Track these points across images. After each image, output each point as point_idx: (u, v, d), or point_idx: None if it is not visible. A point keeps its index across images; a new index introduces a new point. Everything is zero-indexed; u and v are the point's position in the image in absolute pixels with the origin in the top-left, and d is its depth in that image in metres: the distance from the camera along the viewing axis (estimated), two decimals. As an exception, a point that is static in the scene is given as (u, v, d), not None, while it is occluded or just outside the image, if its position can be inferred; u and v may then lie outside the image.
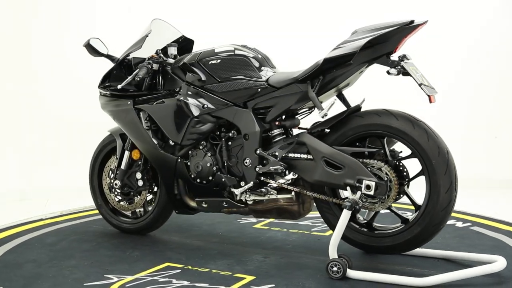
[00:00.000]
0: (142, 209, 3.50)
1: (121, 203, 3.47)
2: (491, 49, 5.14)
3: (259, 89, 2.93)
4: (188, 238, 3.40)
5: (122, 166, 3.38)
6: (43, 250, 3.17)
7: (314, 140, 2.80)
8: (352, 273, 2.61)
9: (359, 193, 2.65)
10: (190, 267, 2.83)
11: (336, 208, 2.88)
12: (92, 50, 3.26)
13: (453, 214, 3.41)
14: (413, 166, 2.75)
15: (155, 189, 3.42)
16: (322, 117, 2.74)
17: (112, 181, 3.45)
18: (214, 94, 3.02)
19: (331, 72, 2.74)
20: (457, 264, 2.81)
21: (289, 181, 2.93)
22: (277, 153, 2.87)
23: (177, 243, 3.30)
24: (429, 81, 2.66)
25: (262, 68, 2.98)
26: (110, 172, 3.49)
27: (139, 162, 3.35)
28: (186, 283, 2.60)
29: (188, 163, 3.10)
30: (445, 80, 4.91)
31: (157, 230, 3.50)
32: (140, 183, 3.35)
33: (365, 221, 2.89)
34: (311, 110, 3.04)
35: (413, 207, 2.79)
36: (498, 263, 2.59)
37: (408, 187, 2.76)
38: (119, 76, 3.34)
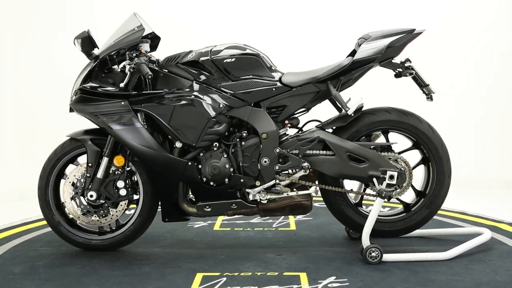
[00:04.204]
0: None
1: (92, 218, 3.06)
2: (490, 50, 5.12)
3: (274, 89, 2.96)
4: (172, 248, 3.19)
5: (99, 175, 3.00)
6: (31, 281, 2.64)
7: (334, 136, 2.96)
8: (387, 256, 2.86)
9: (385, 183, 2.91)
10: (229, 273, 2.72)
11: (348, 199, 3.09)
12: (87, 43, 2.81)
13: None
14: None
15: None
16: (351, 115, 2.93)
17: (77, 193, 3.03)
18: (229, 94, 2.93)
19: (349, 73, 2.94)
20: (440, 240, 3.26)
21: (298, 178, 3.01)
22: (297, 151, 2.94)
23: (173, 253, 3.07)
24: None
25: (271, 67, 3.01)
26: (73, 183, 3.05)
27: (122, 169, 3.01)
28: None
29: (199, 166, 2.93)
30: (444, 80, 4.97)
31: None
32: (123, 192, 3.02)
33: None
34: (308, 110, 3.17)
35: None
36: (486, 234, 3.13)
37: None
38: (96, 75, 2.96)
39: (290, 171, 2.98)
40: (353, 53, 3.08)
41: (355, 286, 2.53)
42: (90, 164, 3.01)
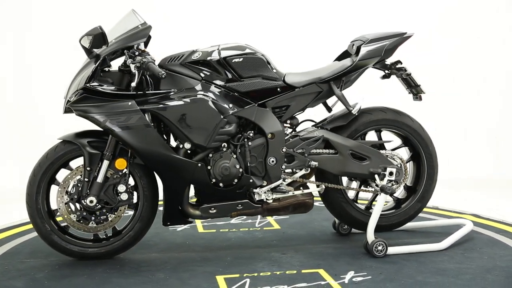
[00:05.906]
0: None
1: (89, 224, 2.89)
2: (491, 50, 5.20)
3: (279, 89, 2.98)
4: (170, 252, 3.10)
5: (99, 179, 2.84)
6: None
7: (337, 136, 3.04)
8: (391, 249, 2.98)
9: (386, 179, 3.03)
10: (248, 274, 2.70)
11: (348, 196, 3.17)
12: (100, 40, 2.64)
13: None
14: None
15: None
16: (354, 114, 3.02)
17: (72, 199, 2.86)
18: (237, 93, 2.91)
19: (349, 75, 3.04)
20: (422, 232, 3.44)
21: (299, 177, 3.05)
22: (302, 150, 2.98)
23: (175, 258, 2.99)
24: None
25: (273, 67, 3.02)
26: (69, 188, 2.88)
27: (123, 173, 2.88)
28: (286, 287, 2.53)
29: (208, 167, 2.88)
30: (444, 80, 5.05)
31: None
32: (124, 196, 2.88)
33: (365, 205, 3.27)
34: (303, 110, 3.21)
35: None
36: (469, 225, 3.36)
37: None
38: (97, 74, 2.80)
39: (293, 170, 3.01)
40: (344, 54, 3.19)
41: (379, 279, 2.62)
42: (88, 168, 2.85)
